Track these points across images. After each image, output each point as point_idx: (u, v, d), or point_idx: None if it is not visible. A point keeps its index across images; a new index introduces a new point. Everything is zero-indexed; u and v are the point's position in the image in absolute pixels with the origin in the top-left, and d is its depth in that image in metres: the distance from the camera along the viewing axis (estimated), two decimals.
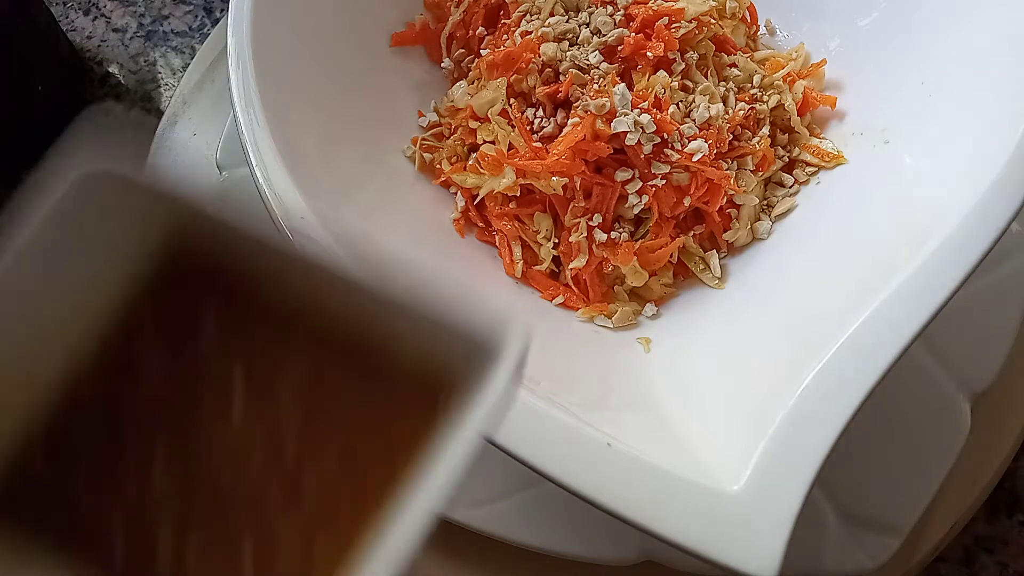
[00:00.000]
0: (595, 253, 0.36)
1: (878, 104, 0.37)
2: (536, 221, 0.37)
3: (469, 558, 0.39)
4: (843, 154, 0.37)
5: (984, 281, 0.39)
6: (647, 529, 0.24)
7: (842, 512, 0.36)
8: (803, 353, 0.27)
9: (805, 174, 0.38)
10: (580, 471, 0.25)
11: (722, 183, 0.36)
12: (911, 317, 0.26)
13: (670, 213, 0.36)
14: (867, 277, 0.29)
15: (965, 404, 0.37)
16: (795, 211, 0.37)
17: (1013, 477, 0.41)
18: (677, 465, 0.26)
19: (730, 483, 0.25)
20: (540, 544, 0.36)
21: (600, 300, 0.37)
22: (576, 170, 0.35)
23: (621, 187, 0.35)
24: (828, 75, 0.39)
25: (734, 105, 0.37)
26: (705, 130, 0.36)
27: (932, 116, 0.33)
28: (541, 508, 0.37)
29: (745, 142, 0.37)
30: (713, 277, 0.37)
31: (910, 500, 0.36)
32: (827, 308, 0.29)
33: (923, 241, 0.28)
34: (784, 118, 0.38)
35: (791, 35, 0.42)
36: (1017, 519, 0.41)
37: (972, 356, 0.38)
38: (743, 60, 0.39)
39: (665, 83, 0.36)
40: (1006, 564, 0.40)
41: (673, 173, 0.35)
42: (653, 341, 0.35)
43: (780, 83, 0.38)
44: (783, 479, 0.25)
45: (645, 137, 0.35)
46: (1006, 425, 0.39)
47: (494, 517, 0.37)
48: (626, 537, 0.35)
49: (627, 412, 0.31)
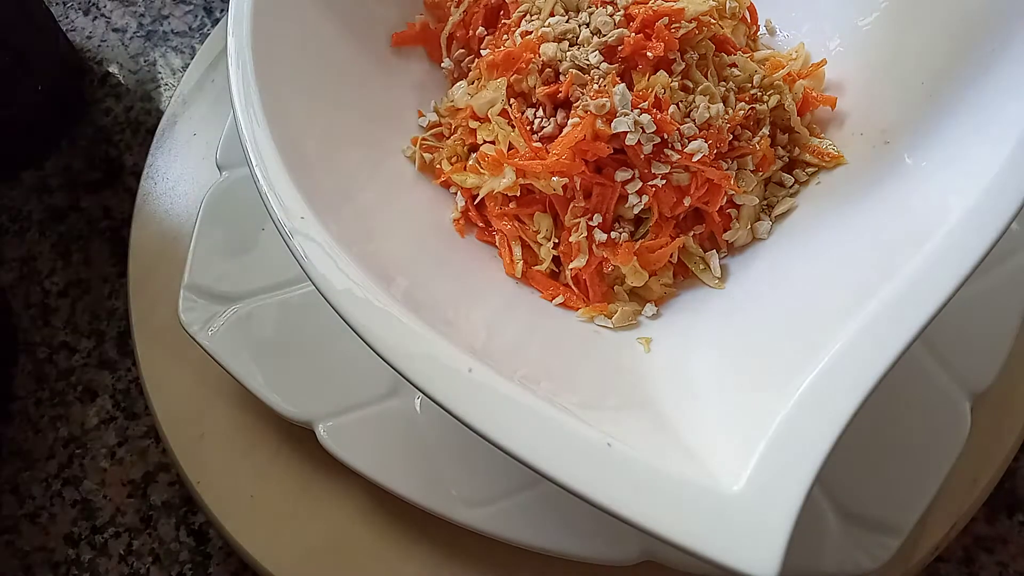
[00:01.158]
0: (595, 253, 0.36)
1: (878, 104, 0.37)
2: (536, 221, 0.37)
3: (469, 558, 0.39)
4: (843, 154, 0.37)
5: (984, 281, 0.39)
6: (647, 529, 0.24)
7: (842, 512, 0.36)
8: (803, 353, 0.27)
9: (805, 174, 0.38)
10: (580, 471, 0.25)
11: (722, 183, 0.36)
12: (911, 317, 0.26)
13: (670, 213, 0.36)
14: (867, 277, 0.29)
15: (965, 404, 0.37)
16: (795, 211, 0.37)
17: (1013, 477, 0.41)
18: (677, 465, 0.26)
19: (730, 483, 0.25)
20: (540, 544, 0.36)
21: (600, 300, 0.37)
22: (576, 170, 0.35)
23: (621, 187, 0.35)
24: (828, 75, 0.39)
25: (734, 105, 0.37)
26: (705, 130, 0.36)
27: (932, 116, 0.33)
28: (541, 508, 0.37)
29: (745, 142, 0.37)
30: (713, 277, 0.37)
31: (910, 500, 0.36)
32: (827, 308, 0.29)
33: (923, 241, 0.28)
34: (784, 118, 0.38)
35: (791, 35, 0.42)
36: (1017, 519, 0.41)
37: (972, 356, 0.38)
38: (743, 60, 0.39)
39: (665, 83, 0.36)
40: (1006, 564, 0.40)
41: (673, 173, 0.35)
42: (653, 341, 0.35)
43: (780, 83, 0.38)
44: (783, 479, 0.25)
45: (645, 137, 0.35)
46: (1006, 425, 0.39)
47: (494, 517, 0.37)
48: (626, 537, 0.35)
49: (627, 412, 0.31)
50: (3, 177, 0.55)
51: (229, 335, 0.42)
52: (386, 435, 0.39)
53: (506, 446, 0.26)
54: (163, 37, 0.60)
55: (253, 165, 0.32)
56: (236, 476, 0.42)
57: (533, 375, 0.30)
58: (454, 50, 0.42)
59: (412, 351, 0.28)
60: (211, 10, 0.60)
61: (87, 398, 0.48)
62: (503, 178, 0.36)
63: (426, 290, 0.33)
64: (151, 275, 0.47)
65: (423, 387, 0.27)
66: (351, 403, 0.40)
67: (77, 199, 0.54)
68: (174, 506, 0.45)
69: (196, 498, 0.42)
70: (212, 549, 0.44)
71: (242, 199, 0.45)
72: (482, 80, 0.39)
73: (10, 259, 0.52)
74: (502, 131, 0.37)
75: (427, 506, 0.37)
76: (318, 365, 0.41)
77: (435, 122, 0.41)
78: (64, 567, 0.44)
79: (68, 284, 0.51)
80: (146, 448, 0.46)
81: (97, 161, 0.55)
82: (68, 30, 0.60)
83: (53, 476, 0.46)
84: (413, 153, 0.40)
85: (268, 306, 0.43)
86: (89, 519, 0.45)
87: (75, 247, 0.52)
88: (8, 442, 0.47)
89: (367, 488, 0.39)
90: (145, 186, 0.50)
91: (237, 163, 0.46)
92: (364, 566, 0.39)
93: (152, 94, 0.57)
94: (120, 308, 0.50)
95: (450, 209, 0.39)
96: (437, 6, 0.43)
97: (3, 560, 0.44)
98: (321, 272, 0.30)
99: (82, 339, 0.50)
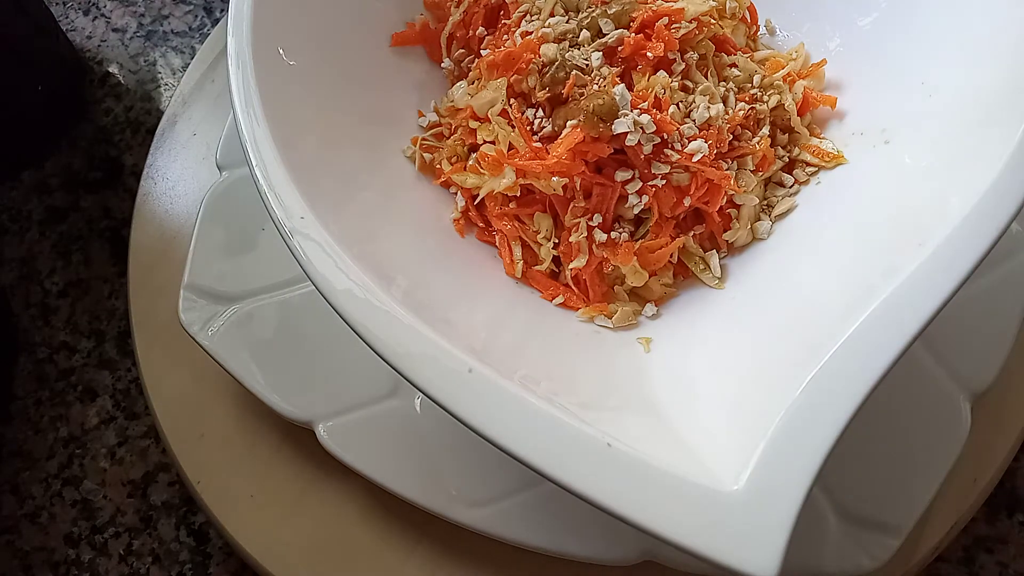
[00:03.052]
0: (595, 253, 0.36)
1: (878, 104, 0.37)
2: (536, 221, 0.37)
3: (469, 558, 0.39)
4: (843, 154, 0.37)
5: (984, 281, 0.39)
6: (647, 529, 0.24)
7: (842, 512, 0.36)
8: (803, 353, 0.27)
9: (805, 174, 0.38)
10: (580, 471, 0.25)
11: (722, 183, 0.36)
12: (911, 317, 0.26)
13: (670, 213, 0.36)
14: (867, 277, 0.29)
15: (965, 404, 0.37)
16: (795, 211, 0.37)
17: (1013, 477, 0.41)
18: (677, 465, 0.26)
19: (730, 483, 0.25)
20: (540, 544, 0.36)
21: (600, 300, 0.37)
22: (576, 170, 0.35)
23: (621, 187, 0.35)
24: (828, 75, 0.39)
25: (734, 105, 0.37)
26: (705, 130, 0.36)
27: (932, 116, 0.33)
28: (541, 508, 0.37)
29: (745, 142, 0.37)
30: (713, 277, 0.37)
31: (910, 500, 0.36)
32: (827, 308, 0.29)
33: (923, 241, 0.28)
34: (784, 118, 0.38)
35: (791, 35, 0.42)
36: (1017, 519, 0.41)
37: (972, 356, 0.38)
38: (743, 60, 0.39)
39: (665, 83, 0.36)
40: (1006, 564, 0.40)
41: (673, 173, 0.35)
42: (653, 341, 0.35)
43: (780, 83, 0.38)
44: (783, 479, 0.25)
45: (645, 137, 0.35)
46: (1006, 425, 0.39)
47: (494, 517, 0.37)
48: (626, 537, 0.35)
49: (627, 412, 0.31)
50: (3, 177, 0.55)
51: (229, 335, 0.42)
52: (386, 435, 0.39)
53: (506, 446, 0.26)
54: (163, 37, 0.60)
55: (253, 165, 0.32)
56: (236, 476, 0.42)
57: (533, 375, 0.30)
58: (454, 50, 0.42)
59: (412, 351, 0.28)
60: (211, 10, 0.60)
61: (87, 398, 0.48)
62: (503, 178, 0.36)
63: (426, 290, 0.33)
64: (151, 275, 0.47)
65: (423, 387, 0.27)
66: (351, 403, 0.40)
67: (77, 199, 0.54)
68: (174, 506, 0.45)
69: (196, 498, 0.42)
70: (212, 549, 0.44)
71: (242, 199, 0.45)
72: (482, 80, 0.39)
73: (10, 259, 0.52)
74: (502, 131, 0.37)
75: (427, 506, 0.37)
76: (318, 365, 0.41)
77: (435, 122, 0.41)
78: (64, 567, 0.44)
79: (68, 284, 0.51)
80: (146, 448, 0.46)
81: (97, 161, 0.55)
82: (68, 30, 0.60)
83: (53, 476, 0.46)
84: (413, 153, 0.40)
85: (268, 306, 0.43)
86: (89, 519, 0.45)
87: (75, 247, 0.52)
88: (8, 442, 0.47)
89: (367, 488, 0.39)
90: (145, 186, 0.50)
91: (237, 163, 0.46)
92: (364, 566, 0.39)
93: (152, 94, 0.57)
94: (120, 308, 0.50)
95: (450, 209, 0.39)
96: (437, 6, 0.43)
97: (3, 560, 0.44)
98: (321, 272, 0.30)
99: (82, 339, 0.50)
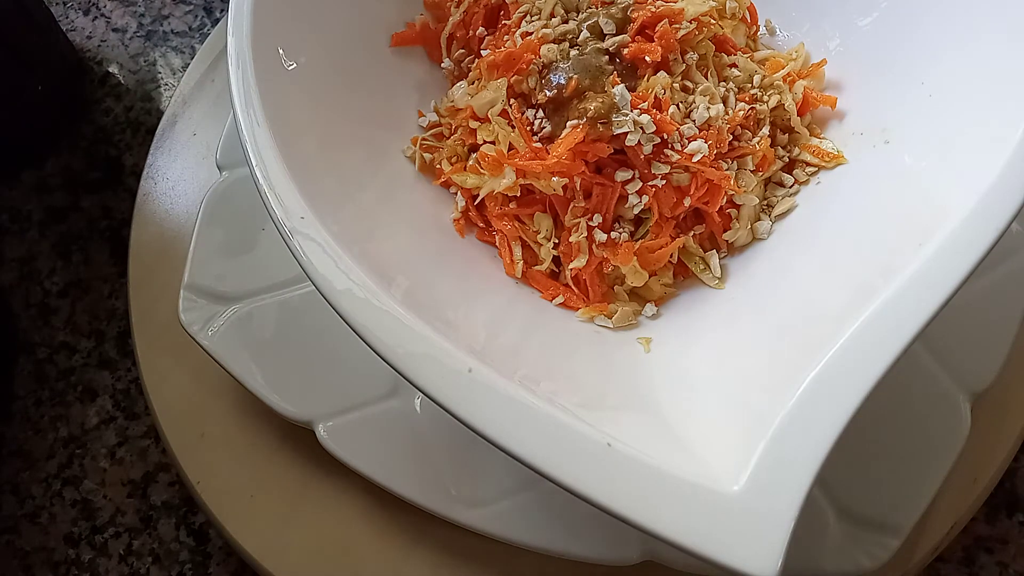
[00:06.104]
0: (595, 253, 0.36)
1: (878, 104, 0.37)
2: (536, 221, 0.37)
3: (469, 558, 0.39)
4: (843, 154, 0.37)
5: (984, 281, 0.39)
6: (647, 529, 0.24)
7: (842, 512, 0.36)
8: (803, 353, 0.27)
9: (805, 174, 0.38)
10: (580, 471, 0.25)
11: (722, 183, 0.36)
12: (911, 317, 0.26)
13: (670, 213, 0.36)
14: (867, 277, 0.29)
15: (965, 404, 0.37)
16: (795, 211, 0.37)
17: (1013, 477, 0.41)
18: (677, 465, 0.26)
19: (730, 483, 0.25)
20: (540, 544, 0.36)
21: (600, 300, 0.37)
22: (576, 170, 0.35)
23: (621, 187, 0.35)
24: (828, 75, 0.39)
25: (734, 105, 0.37)
26: (705, 130, 0.36)
27: (932, 116, 0.33)
28: (541, 508, 0.37)
29: (745, 142, 0.37)
30: (713, 277, 0.37)
31: (910, 500, 0.36)
32: (827, 308, 0.29)
33: (923, 241, 0.28)
34: (784, 118, 0.38)
35: (791, 35, 0.42)
36: (1017, 519, 0.41)
37: (972, 356, 0.38)
38: (743, 60, 0.39)
39: (665, 84, 0.36)
40: (1006, 564, 0.40)
41: (673, 173, 0.35)
42: (653, 341, 0.35)
43: (780, 83, 0.38)
44: (783, 479, 0.25)
45: (645, 138, 0.35)
46: (1006, 425, 0.39)
47: (494, 517, 0.37)
48: (626, 537, 0.35)
49: (627, 412, 0.31)
50: (3, 177, 0.55)
51: (229, 335, 0.42)
52: (386, 435, 0.39)
53: (506, 446, 0.26)
54: (163, 37, 0.60)
55: (253, 165, 0.32)
56: (236, 476, 0.42)
57: (533, 375, 0.30)
58: (454, 50, 0.42)
59: (412, 351, 0.28)
60: (211, 10, 0.60)
61: (87, 398, 0.48)
62: (503, 178, 0.36)
63: (426, 290, 0.33)
64: (151, 275, 0.47)
65: (423, 387, 0.27)
66: (351, 403, 0.40)
67: (77, 199, 0.54)
68: (174, 506, 0.45)
69: (196, 498, 0.42)
70: (212, 549, 0.44)
71: (242, 199, 0.45)
72: (482, 80, 0.39)
73: (10, 259, 0.52)
74: (502, 131, 0.37)
75: (427, 506, 0.37)
76: (318, 365, 0.41)
77: (435, 122, 0.41)
78: (64, 567, 0.44)
79: (68, 284, 0.51)
80: (146, 448, 0.46)
81: (97, 161, 0.55)
82: (68, 30, 0.60)
83: (53, 476, 0.46)
84: (413, 153, 0.40)
85: (268, 306, 0.43)
86: (89, 519, 0.45)
87: (75, 247, 0.52)
88: (8, 442, 0.47)
89: (367, 488, 0.39)
90: (145, 186, 0.50)
91: (237, 163, 0.46)
92: (364, 566, 0.39)
93: (152, 94, 0.57)
94: (120, 308, 0.50)
95: (450, 209, 0.39)
96: (437, 6, 0.43)
97: (3, 560, 0.44)
98: (321, 272, 0.30)
99: (82, 339, 0.50)
